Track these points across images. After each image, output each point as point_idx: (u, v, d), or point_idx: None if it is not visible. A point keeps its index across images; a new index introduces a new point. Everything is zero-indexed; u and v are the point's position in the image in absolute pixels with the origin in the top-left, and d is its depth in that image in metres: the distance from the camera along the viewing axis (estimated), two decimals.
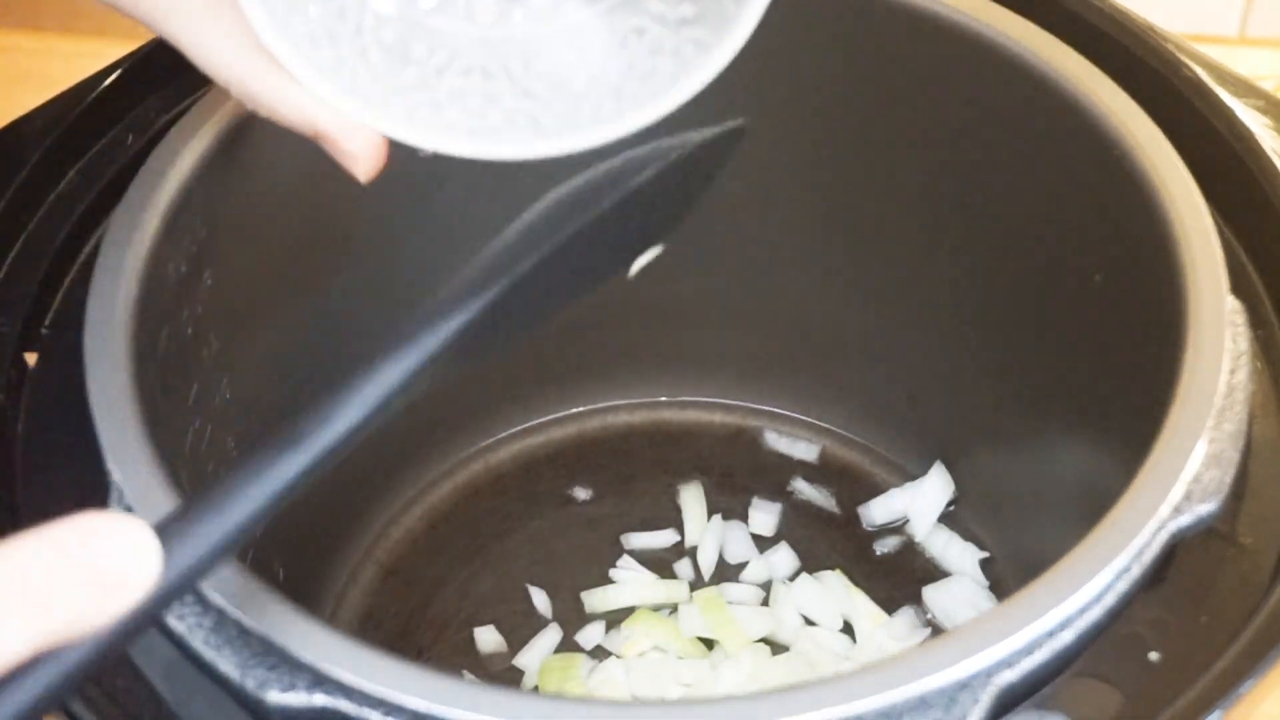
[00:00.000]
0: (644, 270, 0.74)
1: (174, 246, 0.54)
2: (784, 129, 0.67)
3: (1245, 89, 0.58)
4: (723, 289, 0.75)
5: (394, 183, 0.59)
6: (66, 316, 0.54)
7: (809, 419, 0.77)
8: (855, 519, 0.74)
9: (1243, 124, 0.57)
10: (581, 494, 0.75)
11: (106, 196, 0.57)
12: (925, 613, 0.69)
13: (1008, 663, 0.42)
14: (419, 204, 0.64)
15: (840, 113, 0.66)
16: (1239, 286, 0.53)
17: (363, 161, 0.48)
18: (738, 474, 0.76)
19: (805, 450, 0.77)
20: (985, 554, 0.71)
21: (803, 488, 0.75)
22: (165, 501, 0.45)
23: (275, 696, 0.42)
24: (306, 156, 0.61)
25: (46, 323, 0.55)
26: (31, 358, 0.54)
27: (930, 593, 0.70)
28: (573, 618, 0.71)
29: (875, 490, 0.75)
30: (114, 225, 0.53)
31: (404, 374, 0.40)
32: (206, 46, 0.46)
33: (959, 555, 0.71)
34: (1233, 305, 0.51)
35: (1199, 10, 0.93)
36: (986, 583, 0.70)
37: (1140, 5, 0.62)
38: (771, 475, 0.76)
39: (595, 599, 0.71)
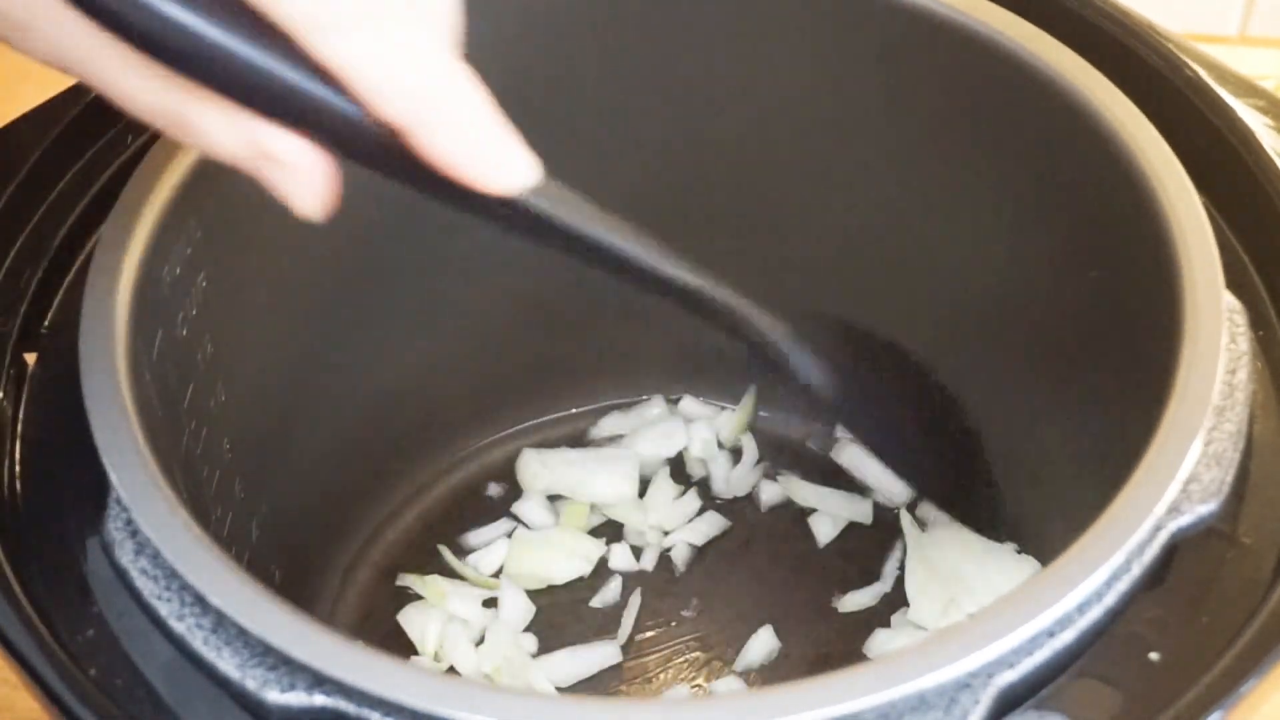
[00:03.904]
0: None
1: (169, 249, 0.54)
2: (779, 131, 0.68)
3: (1245, 88, 0.58)
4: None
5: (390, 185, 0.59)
6: (66, 317, 0.54)
7: (807, 419, 0.77)
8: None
9: (1243, 123, 0.57)
10: None
11: (106, 196, 0.57)
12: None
13: (1008, 663, 0.42)
14: (415, 205, 0.64)
15: (836, 113, 0.66)
16: (1240, 286, 0.53)
17: (311, 200, 0.43)
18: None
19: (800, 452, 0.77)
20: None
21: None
22: (163, 503, 0.45)
23: (275, 696, 0.42)
24: None
25: (46, 323, 0.55)
26: (31, 358, 0.54)
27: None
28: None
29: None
30: (108, 227, 0.53)
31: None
32: (119, 83, 0.41)
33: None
34: (1233, 305, 0.51)
35: (1199, 10, 0.93)
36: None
37: (1140, 4, 0.62)
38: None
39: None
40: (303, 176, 0.42)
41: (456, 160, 0.42)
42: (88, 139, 0.60)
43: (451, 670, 0.68)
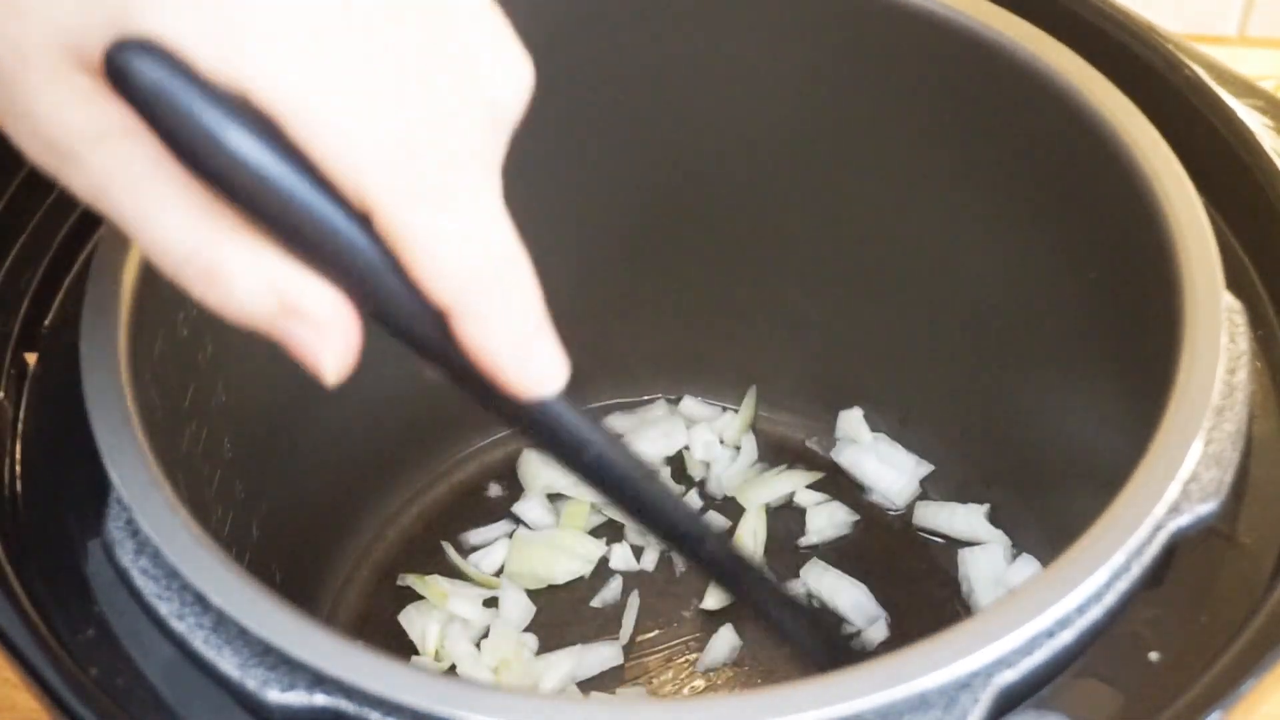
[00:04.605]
0: (642, 272, 0.75)
1: None
2: (779, 131, 0.67)
3: (1245, 89, 0.58)
4: (721, 290, 0.75)
5: None
6: (66, 317, 0.54)
7: (806, 421, 0.77)
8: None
9: (1243, 124, 0.57)
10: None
11: None
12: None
13: (1008, 663, 0.42)
14: None
15: (836, 113, 0.66)
16: (1239, 287, 0.53)
17: (335, 362, 0.38)
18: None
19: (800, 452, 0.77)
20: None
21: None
22: (163, 503, 0.45)
23: (276, 696, 0.42)
24: None
25: (46, 323, 0.55)
26: (31, 358, 0.54)
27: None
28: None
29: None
30: (109, 227, 0.52)
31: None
32: (156, 218, 0.36)
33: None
34: (1233, 305, 0.51)
35: (1199, 10, 0.93)
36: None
37: (1140, 5, 0.62)
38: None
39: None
40: (331, 336, 0.37)
41: (499, 356, 0.38)
42: None
43: (452, 670, 0.68)
